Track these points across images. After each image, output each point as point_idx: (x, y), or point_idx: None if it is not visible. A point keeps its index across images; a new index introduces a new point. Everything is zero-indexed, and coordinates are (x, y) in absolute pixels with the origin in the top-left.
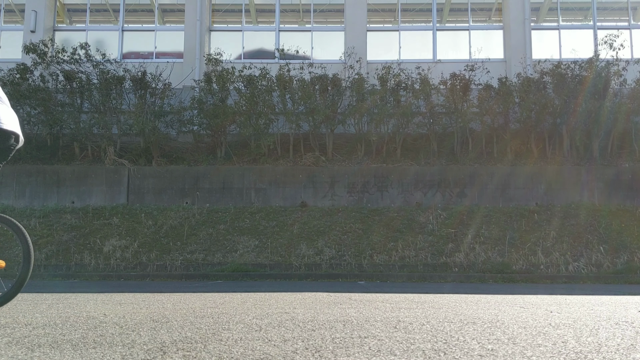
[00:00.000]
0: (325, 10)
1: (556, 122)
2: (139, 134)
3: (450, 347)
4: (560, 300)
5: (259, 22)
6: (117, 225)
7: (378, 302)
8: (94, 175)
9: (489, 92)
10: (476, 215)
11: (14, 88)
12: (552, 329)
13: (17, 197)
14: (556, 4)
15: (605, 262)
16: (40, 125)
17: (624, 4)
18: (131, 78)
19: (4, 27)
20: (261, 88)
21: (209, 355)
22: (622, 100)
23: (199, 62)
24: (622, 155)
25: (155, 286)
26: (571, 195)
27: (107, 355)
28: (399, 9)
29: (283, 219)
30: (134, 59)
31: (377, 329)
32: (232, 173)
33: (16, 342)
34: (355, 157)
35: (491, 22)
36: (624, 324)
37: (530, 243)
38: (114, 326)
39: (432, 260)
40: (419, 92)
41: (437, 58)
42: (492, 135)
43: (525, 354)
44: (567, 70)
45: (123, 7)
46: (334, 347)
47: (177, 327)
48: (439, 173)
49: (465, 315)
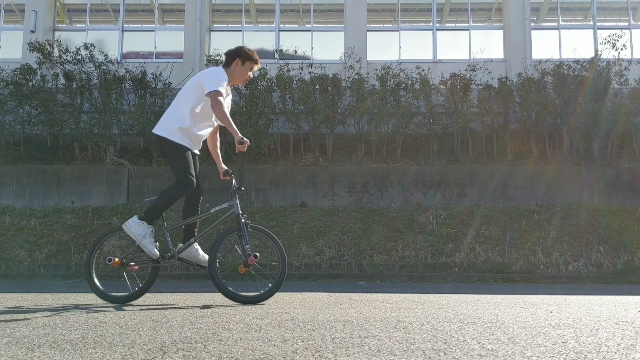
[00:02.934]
0: (325, 10)
1: (556, 122)
2: (139, 134)
3: (450, 347)
4: (560, 300)
5: (258, 22)
6: (117, 225)
7: (378, 302)
8: (94, 175)
9: (489, 92)
10: (476, 215)
11: (17, 88)
12: (552, 329)
13: (17, 197)
14: (556, 4)
15: (605, 262)
16: (41, 125)
17: (624, 4)
18: (131, 78)
19: (4, 27)
20: (261, 88)
21: (209, 355)
22: (622, 101)
23: (199, 62)
24: (622, 155)
25: (155, 286)
26: (571, 195)
27: (107, 355)
28: (399, 9)
29: (283, 219)
30: (134, 59)
31: (377, 329)
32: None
33: (16, 342)
34: (355, 157)
35: (491, 22)
36: (624, 324)
37: (530, 243)
38: (114, 326)
39: (432, 260)
40: (419, 92)
41: (437, 58)
42: (492, 135)
43: (525, 354)
44: (569, 70)
45: (123, 7)
46: (334, 347)
47: (177, 327)
48: (439, 173)
49: (465, 315)
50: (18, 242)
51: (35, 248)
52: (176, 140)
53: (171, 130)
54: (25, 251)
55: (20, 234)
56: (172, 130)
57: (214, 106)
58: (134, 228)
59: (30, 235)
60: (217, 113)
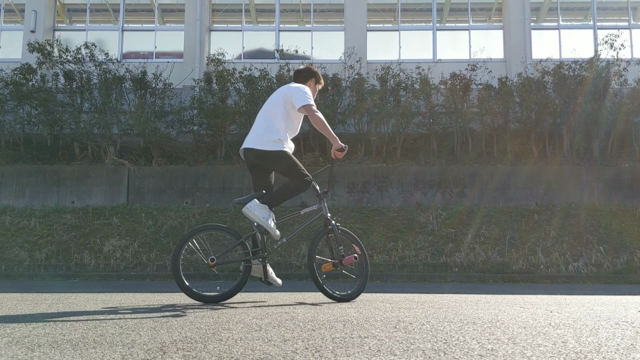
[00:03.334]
0: (325, 10)
1: (556, 122)
2: (139, 134)
3: (450, 347)
4: (560, 300)
5: (259, 22)
6: (117, 225)
7: (378, 302)
8: (94, 175)
9: (489, 92)
10: (476, 215)
11: (17, 88)
12: (552, 329)
13: (17, 197)
14: (556, 4)
15: (605, 262)
16: (41, 125)
17: (624, 4)
18: (131, 78)
19: (3, 27)
20: (261, 88)
21: (209, 355)
22: (622, 101)
23: (199, 62)
24: (622, 155)
25: (155, 286)
26: (571, 195)
27: (107, 355)
28: (399, 9)
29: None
30: (134, 58)
31: (377, 329)
32: (232, 173)
33: (16, 342)
34: (355, 157)
35: (491, 22)
36: (624, 324)
37: (530, 243)
38: (114, 326)
39: (432, 260)
40: (419, 92)
41: (437, 58)
42: (492, 135)
43: (525, 354)
44: (569, 70)
45: (123, 7)
46: (334, 347)
47: (177, 327)
48: (439, 173)
49: (465, 315)
50: (18, 242)
51: (35, 248)
52: (279, 148)
53: (271, 142)
54: (25, 251)
55: (20, 234)
56: (272, 142)
57: (312, 117)
58: (257, 211)
59: (30, 235)
60: (317, 123)
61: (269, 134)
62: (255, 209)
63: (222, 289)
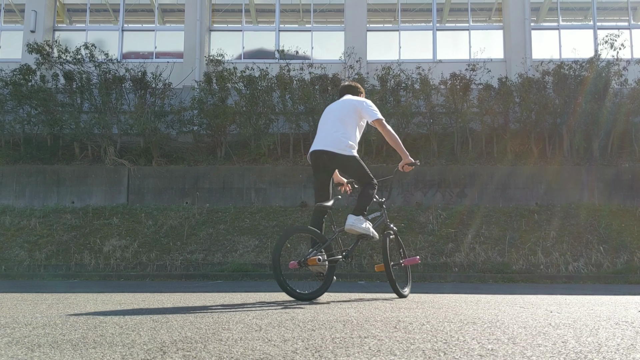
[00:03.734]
0: (325, 10)
1: (556, 122)
2: (139, 134)
3: (450, 347)
4: (560, 300)
5: (259, 22)
6: (117, 225)
7: (378, 302)
8: (94, 175)
9: (489, 92)
10: (476, 215)
11: (16, 88)
12: (552, 329)
13: (17, 197)
14: (556, 4)
15: (605, 262)
16: (41, 125)
17: (624, 4)
18: (131, 78)
19: (3, 27)
20: (261, 88)
21: (209, 355)
22: (622, 101)
23: (199, 62)
24: (622, 155)
25: (155, 286)
26: (571, 195)
27: (107, 355)
28: (399, 9)
29: (283, 219)
30: (134, 59)
31: (377, 329)
32: (232, 173)
33: (16, 342)
34: None
35: (491, 22)
36: (624, 324)
37: (530, 243)
38: (114, 326)
39: (432, 260)
40: (419, 92)
41: (437, 58)
42: (492, 135)
43: (525, 354)
44: (569, 70)
45: (123, 7)
46: (334, 347)
47: (177, 327)
48: (439, 173)
49: (465, 315)
50: (18, 242)
51: (35, 248)
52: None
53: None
54: (25, 251)
55: (20, 234)
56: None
57: (385, 130)
58: (358, 225)
59: (30, 235)
60: (389, 137)
61: (345, 139)
62: (355, 224)
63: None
